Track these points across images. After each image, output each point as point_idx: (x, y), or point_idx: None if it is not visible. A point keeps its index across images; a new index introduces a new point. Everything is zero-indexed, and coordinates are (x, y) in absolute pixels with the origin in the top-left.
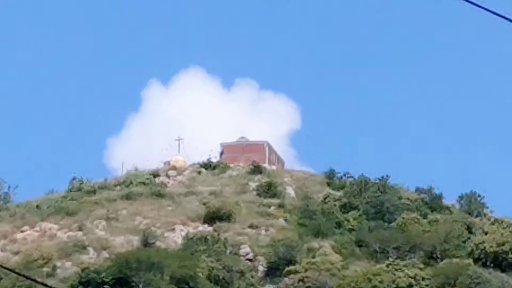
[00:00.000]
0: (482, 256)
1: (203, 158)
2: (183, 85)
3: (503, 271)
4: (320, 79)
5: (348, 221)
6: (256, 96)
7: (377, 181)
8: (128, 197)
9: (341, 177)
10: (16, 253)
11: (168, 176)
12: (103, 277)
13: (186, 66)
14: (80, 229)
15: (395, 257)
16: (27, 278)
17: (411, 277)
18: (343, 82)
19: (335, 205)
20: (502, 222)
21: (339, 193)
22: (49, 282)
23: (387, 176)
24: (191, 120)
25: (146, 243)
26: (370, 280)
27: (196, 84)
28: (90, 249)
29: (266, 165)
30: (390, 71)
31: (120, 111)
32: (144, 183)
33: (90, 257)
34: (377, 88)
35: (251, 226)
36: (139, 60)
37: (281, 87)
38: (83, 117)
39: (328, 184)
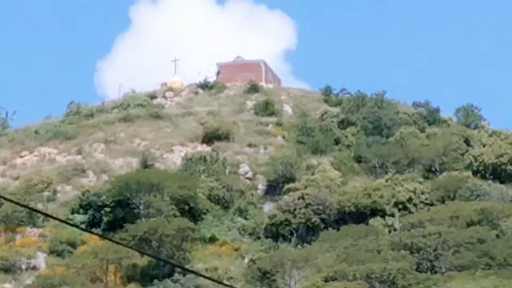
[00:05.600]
0: (481, 168)
1: (200, 79)
2: (173, 1)
3: (502, 182)
4: None
5: (346, 137)
6: (250, 11)
7: (374, 96)
8: (126, 119)
9: (338, 94)
10: (16, 178)
11: (165, 97)
12: (103, 200)
13: None
14: (79, 152)
15: (394, 171)
16: (23, 206)
17: (411, 191)
18: None
19: (332, 121)
20: (500, 134)
21: (336, 110)
22: (50, 206)
23: (383, 91)
24: (185, 40)
25: (145, 165)
26: (370, 195)
27: (186, 0)
28: (90, 173)
29: (262, 83)
30: None
31: (108, 31)
32: (141, 105)
33: (90, 181)
34: (374, 4)
35: (249, 145)
36: None
37: (276, 2)
38: (71, 39)
39: (325, 101)
